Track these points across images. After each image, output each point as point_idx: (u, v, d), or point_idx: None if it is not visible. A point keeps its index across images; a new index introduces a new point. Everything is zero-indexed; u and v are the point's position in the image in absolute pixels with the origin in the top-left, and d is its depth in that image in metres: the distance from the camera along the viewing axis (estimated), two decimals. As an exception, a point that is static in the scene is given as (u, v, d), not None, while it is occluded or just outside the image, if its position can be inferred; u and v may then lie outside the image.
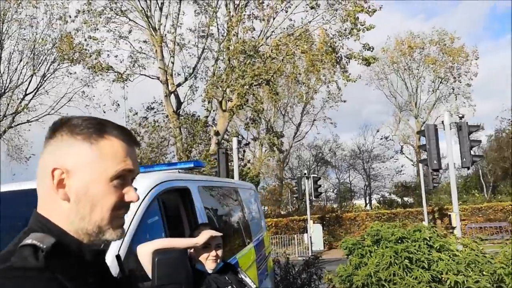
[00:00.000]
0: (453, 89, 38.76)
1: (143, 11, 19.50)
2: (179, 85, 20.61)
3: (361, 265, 6.10)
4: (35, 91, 22.50)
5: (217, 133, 19.20)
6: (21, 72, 21.96)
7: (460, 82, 38.07)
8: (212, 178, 7.22)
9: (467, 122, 10.23)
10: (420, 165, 23.85)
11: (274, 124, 35.64)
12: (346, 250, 6.53)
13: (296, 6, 19.17)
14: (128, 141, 1.04)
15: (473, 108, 38.34)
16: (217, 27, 19.91)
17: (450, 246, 6.04)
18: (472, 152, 10.49)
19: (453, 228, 10.39)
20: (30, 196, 1.11)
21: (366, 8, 17.87)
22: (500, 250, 6.04)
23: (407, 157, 42.61)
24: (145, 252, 2.34)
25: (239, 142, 15.91)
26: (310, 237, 23.01)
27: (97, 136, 1.00)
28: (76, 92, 22.77)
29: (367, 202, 44.10)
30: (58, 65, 22.16)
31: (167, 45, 20.04)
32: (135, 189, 1.05)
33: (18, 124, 22.78)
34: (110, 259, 1.18)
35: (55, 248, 0.90)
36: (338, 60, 19.01)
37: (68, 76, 22.28)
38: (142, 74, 20.45)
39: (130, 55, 20.30)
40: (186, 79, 20.85)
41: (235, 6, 19.61)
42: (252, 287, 2.80)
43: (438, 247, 5.96)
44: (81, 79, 22.17)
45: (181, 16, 20.04)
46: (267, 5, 19.50)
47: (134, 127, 21.08)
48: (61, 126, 1.01)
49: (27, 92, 22.41)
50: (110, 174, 0.99)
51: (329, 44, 18.63)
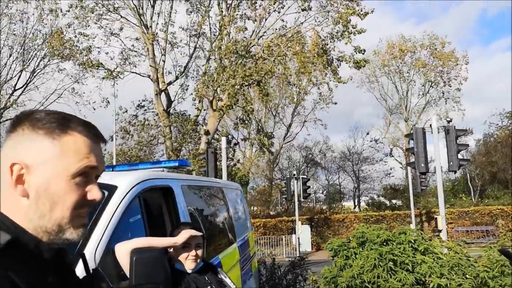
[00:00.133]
0: (443, 93, 39.19)
1: (135, 9, 19.41)
2: (170, 84, 20.55)
3: (346, 267, 6.12)
4: (25, 87, 22.37)
5: (207, 132, 19.15)
6: (11, 67, 21.85)
7: (450, 87, 38.53)
8: (197, 178, 7.18)
9: (455, 126, 10.32)
10: (409, 168, 23.98)
11: (265, 125, 35.67)
12: (332, 252, 6.56)
13: (289, 7, 19.19)
14: (93, 137, 1.01)
15: (463, 113, 38.95)
16: (209, 26, 19.94)
17: (435, 249, 6.08)
18: (460, 156, 10.59)
19: (439, 231, 10.48)
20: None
21: (358, 11, 17.91)
22: (484, 254, 6.09)
23: (396, 160, 42.98)
24: (123, 251, 2.31)
25: (229, 142, 15.88)
26: (298, 238, 23.04)
27: (60, 132, 0.96)
28: (66, 89, 22.77)
29: (356, 204, 44.25)
30: (48, 61, 22.09)
31: (159, 43, 19.98)
32: (100, 187, 1.02)
33: (6, 120, 22.56)
34: (88, 258, 1.15)
35: (10, 246, 0.87)
36: (330, 62, 19.05)
37: (58, 72, 22.24)
38: (133, 72, 20.37)
39: (121, 53, 20.23)
40: (177, 78, 20.82)
41: (228, 6, 19.60)
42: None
43: (423, 250, 6.00)
44: (71, 76, 22.13)
45: (173, 15, 20.03)
46: (260, 6, 19.50)
47: (124, 125, 21.00)
48: (23, 120, 0.98)
49: (16, 88, 22.31)
50: (72, 171, 0.96)
51: (321, 46, 18.67)
